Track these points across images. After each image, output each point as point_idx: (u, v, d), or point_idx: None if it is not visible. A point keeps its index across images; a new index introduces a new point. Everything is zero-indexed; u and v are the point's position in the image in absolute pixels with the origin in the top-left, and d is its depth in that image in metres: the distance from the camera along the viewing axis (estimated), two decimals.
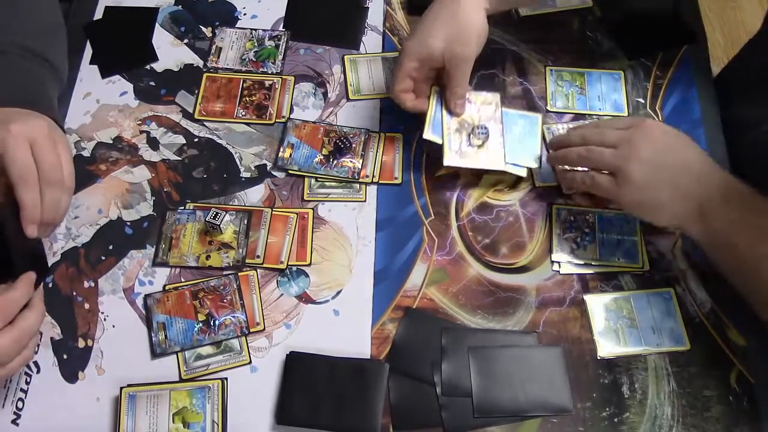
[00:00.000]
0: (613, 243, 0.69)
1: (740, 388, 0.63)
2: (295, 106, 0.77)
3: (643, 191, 0.62)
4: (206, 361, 0.63)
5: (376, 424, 0.60)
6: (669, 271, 0.68)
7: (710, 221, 0.59)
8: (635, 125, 0.64)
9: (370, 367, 0.62)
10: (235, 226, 0.68)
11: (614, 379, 0.63)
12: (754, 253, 0.57)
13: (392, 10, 0.84)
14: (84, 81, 0.77)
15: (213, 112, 0.76)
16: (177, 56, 0.80)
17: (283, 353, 0.63)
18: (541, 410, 0.61)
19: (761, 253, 0.57)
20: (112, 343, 0.64)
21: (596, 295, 0.67)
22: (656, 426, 0.61)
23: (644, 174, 0.61)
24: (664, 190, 0.61)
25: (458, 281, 0.68)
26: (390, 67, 0.79)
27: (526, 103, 0.78)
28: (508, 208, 0.72)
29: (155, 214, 0.70)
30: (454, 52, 0.66)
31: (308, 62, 0.80)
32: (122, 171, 0.72)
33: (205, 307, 0.65)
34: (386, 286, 0.67)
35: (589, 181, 0.66)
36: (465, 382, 0.62)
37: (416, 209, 0.71)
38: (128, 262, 0.67)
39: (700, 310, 0.67)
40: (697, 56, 0.82)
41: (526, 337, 0.65)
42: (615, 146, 0.63)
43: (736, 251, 0.59)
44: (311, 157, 0.73)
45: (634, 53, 0.81)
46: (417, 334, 0.65)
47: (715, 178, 0.61)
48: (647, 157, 0.61)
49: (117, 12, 0.83)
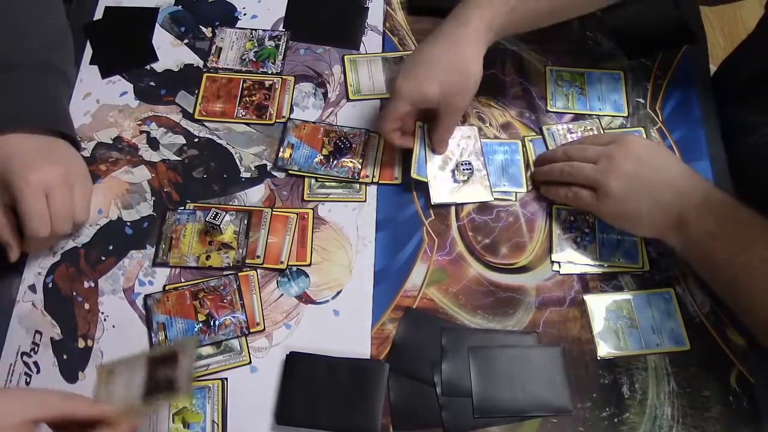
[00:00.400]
0: (613, 243, 0.69)
1: (740, 388, 0.63)
2: (295, 106, 0.77)
3: (623, 204, 0.63)
4: (206, 362, 0.63)
5: (376, 424, 0.60)
6: (669, 271, 0.68)
7: (689, 231, 0.60)
8: (616, 141, 0.65)
9: (370, 367, 0.62)
10: (235, 227, 0.68)
11: (614, 379, 0.63)
12: (732, 262, 0.58)
13: (392, 10, 0.84)
14: (84, 81, 0.77)
15: (213, 113, 0.76)
16: (177, 56, 0.80)
17: (283, 353, 0.63)
18: (541, 410, 0.61)
19: (739, 262, 0.58)
20: (112, 344, 0.64)
21: (596, 295, 0.67)
22: (656, 426, 0.61)
23: (623, 188, 0.63)
24: (644, 202, 0.62)
25: (458, 281, 0.68)
26: (390, 67, 0.79)
27: (526, 103, 0.78)
28: (508, 209, 0.72)
29: (155, 214, 0.70)
30: (449, 101, 0.66)
31: (308, 62, 0.80)
32: (122, 171, 0.72)
33: (205, 308, 0.65)
34: (386, 286, 0.67)
35: (571, 195, 0.67)
36: (465, 382, 0.62)
37: (416, 209, 0.71)
38: (128, 263, 0.67)
39: (700, 310, 0.67)
40: (697, 56, 0.82)
41: (526, 337, 0.65)
42: (596, 162, 0.65)
43: (714, 261, 0.60)
44: (311, 157, 0.73)
45: (634, 53, 0.81)
46: (417, 334, 0.65)
47: (697, 189, 0.62)
48: (627, 172, 0.63)
49: (117, 12, 0.83)
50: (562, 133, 0.75)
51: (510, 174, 0.73)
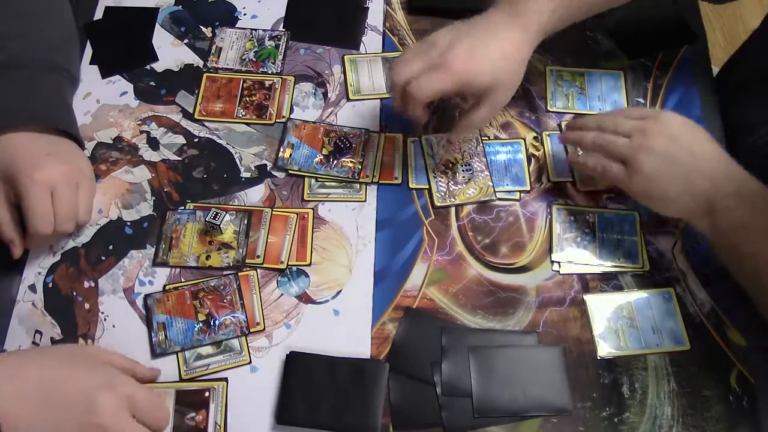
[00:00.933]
0: (613, 243, 0.69)
1: (740, 388, 0.63)
2: (295, 106, 0.77)
3: (653, 183, 0.61)
4: (206, 361, 0.63)
5: (376, 424, 0.60)
6: (669, 271, 0.68)
7: (717, 219, 0.59)
8: (653, 116, 0.63)
9: (370, 367, 0.62)
10: (235, 226, 0.68)
11: (614, 379, 0.63)
12: (756, 255, 0.57)
13: (392, 10, 0.84)
14: (84, 81, 0.77)
15: (213, 112, 0.76)
16: (177, 56, 0.80)
17: (283, 353, 0.63)
18: (541, 410, 0.61)
19: (765, 255, 0.57)
20: (112, 343, 0.64)
21: (596, 295, 0.67)
22: (656, 426, 0.61)
23: (655, 166, 0.61)
24: (674, 184, 0.61)
25: (458, 281, 0.68)
26: (390, 67, 0.79)
27: (526, 103, 0.78)
28: (508, 208, 0.72)
29: (155, 214, 0.70)
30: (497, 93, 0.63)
31: (308, 62, 0.80)
32: (122, 171, 0.72)
33: (205, 307, 0.65)
34: (386, 286, 0.67)
35: (599, 168, 0.65)
36: (465, 382, 0.62)
37: (416, 209, 0.71)
38: (128, 262, 0.67)
39: (700, 310, 0.67)
40: (697, 56, 0.82)
41: (526, 337, 0.65)
42: (629, 135, 0.62)
43: (740, 252, 0.59)
44: (311, 157, 0.73)
45: (634, 53, 0.81)
46: (417, 334, 0.65)
47: (731, 178, 0.60)
48: (660, 149, 0.61)
49: (117, 12, 0.83)
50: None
51: (513, 174, 0.73)
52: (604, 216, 0.71)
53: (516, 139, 0.75)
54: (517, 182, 0.73)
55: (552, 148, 0.75)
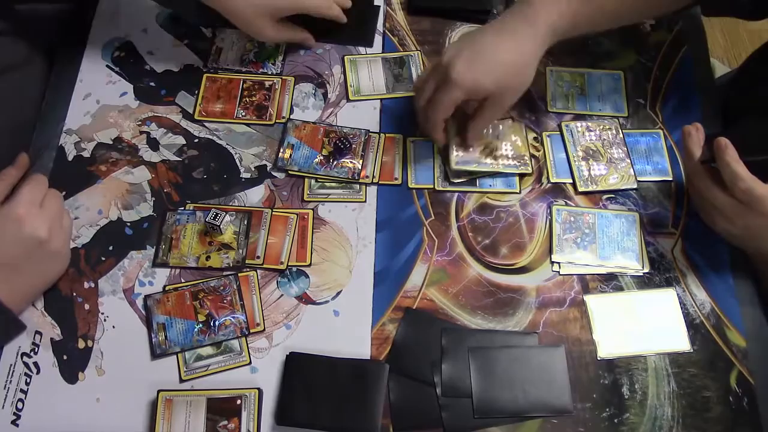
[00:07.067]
0: (613, 243, 0.69)
1: (740, 389, 0.63)
2: (295, 107, 0.77)
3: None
4: (206, 362, 0.63)
5: (376, 425, 0.60)
6: (669, 271, 0.68)
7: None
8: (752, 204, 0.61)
9: (370, 367, 0.62)
10: (235, 227, 0.68)
11: (614, 379, 0.63)
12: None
13: (392, 11, 0.84)
14: (84, 81, 0.77)
15: (213, 113, 0.76)
16: (177, 56, 0.80)
17: (283, 354, 0.63)
18: (541, 411, 0.61)
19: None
20: (112, 344, 0.64)
21: (596, 295, 0.67)
22: (656, 426, 0.61)
23: None
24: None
25: (458, 282, 0.68)
26: (390, 68, 0.79)
27: (526, 103, 0.78)
28: (508, 209, 0.72)
29: (155, 214, 0.70)
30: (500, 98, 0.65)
31: (308, 63, 0.80)
32: (122, 172, 0.72)
33: (205, 308, 0.65)
34: (386, 286, 0.67)
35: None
36: (465, 382, 0.62)
37: (416, 210, 0.71)
38: (128, 263, 0.67)
39: (700, 311, 0.67)
40: (697, 56, 0.82)
41: (526, 337, 0.65)
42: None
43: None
44: (311, 158, 0.73)
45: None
46: (417, 335, 0.65)
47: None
48: None
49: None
50: (581, 131, 0.76)
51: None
52: (604, 216, 0.71)
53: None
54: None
55: (552, 148, 0.75)
